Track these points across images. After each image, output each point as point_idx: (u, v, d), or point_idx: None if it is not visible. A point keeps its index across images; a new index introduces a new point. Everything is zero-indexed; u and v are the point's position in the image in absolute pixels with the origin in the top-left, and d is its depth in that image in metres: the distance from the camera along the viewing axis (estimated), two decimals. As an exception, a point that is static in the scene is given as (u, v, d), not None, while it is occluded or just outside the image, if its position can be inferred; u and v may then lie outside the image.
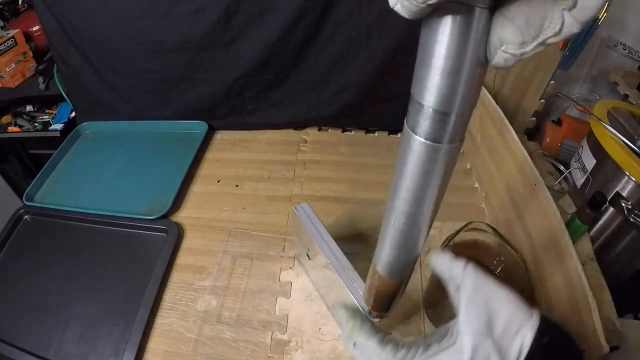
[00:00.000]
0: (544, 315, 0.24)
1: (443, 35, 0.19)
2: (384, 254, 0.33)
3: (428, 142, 0.23)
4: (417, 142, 0.23)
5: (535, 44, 0.18)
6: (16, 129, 0.94)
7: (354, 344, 0.32)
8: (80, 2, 0.73)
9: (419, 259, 0.36)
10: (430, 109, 0.21)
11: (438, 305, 0.52)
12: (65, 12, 0.75)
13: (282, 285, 0.60)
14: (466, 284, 0.26)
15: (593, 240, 0.60)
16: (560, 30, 0.17)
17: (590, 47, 0.78)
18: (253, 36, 0.73)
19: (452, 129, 0.22)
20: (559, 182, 0.67)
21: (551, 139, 0.77)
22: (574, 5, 0.16)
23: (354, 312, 0.35)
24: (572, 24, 0.17)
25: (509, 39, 0.18)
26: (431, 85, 0.20)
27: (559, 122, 0.80)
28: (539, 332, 0.23)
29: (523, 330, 0.23)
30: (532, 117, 0.76)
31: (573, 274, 0.43)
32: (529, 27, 0.18)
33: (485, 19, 0.18)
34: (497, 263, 0.52)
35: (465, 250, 0.53)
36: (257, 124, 0.88)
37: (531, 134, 0.82)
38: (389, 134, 0.87)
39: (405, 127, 0.24)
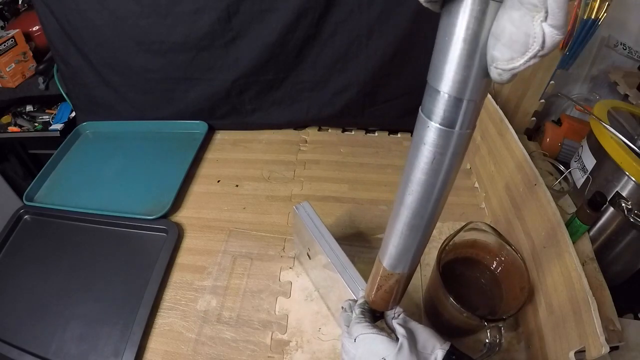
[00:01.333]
0: (453, 344, 0.35)
1: (460, 25, 0.20)
2: (391, 247, 0.33)
3: (442, 127, 0.24)
4: (431, 128, 0.24)
5: (525, 59, 0.19)
6: (16, 129, 0.94)
7: (355, 340, 0.36)
8: (80, 2, 0.73)
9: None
10: (446, 95, 0.23)
11: (438, 304, 0.52)
12: (65, 12, 0.75)
13: (282, 285, 0.60)
14: (399, 317, 0.39)
15: (593, 240, 0.60)
16: (544, 42, 0.18)
17: (590, 47, 0.78)
18: (253, 36, 0.73)
19: (465, 115, 0.23)
20: (559, 182, 0.67)
21: (551, 139, 0.77)
22: (547, 14, 0.17)
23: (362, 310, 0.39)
24: (552, 33, 0.17)
25: (497, 57, 0.20)
26: (447, 71, 0.22)
27: (559, 122, 0.80)
28: (449, 352, 0.34)
29: (437, 349, 0.34)
30: (532, 117, 0.76)
31: (573, 274, 0.43)
32: (513, 44, 0.19)
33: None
34: (497, 263, 0.52)
35: (465, 250, 0.53)
36: (257, 124, 0.88)
37: (531, 134, 0.82)
38: (389, 134, 0.87)
39: (420, 114, 0.25)
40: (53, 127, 0.92)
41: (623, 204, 0.55)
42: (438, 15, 0.21)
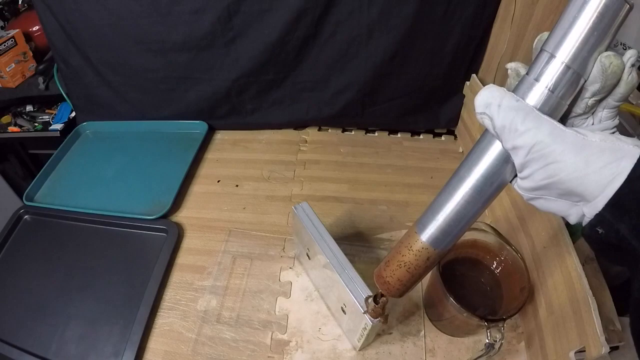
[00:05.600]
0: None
1: (590, 9, 0.24)
2: (441, 216, 0.31)
3: (546, 89, 0.26)
4: (536, 90, 0.26)
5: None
6: (16, 129, 0.94)
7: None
8: (80, 2, 0.73)
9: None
10: (559, 62, 0.25)
11: (438, 304, 0.52)
12: (65, 11, 0.75)
13: (282, 285, 0.60)
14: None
15: (593, 240, 0.59)
16: None
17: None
18: (253, 36, 0.73)
19: (568, 85, 0.25)
20: (559, 182, 0.67)
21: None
22: None
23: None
24: None
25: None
26: (568, 41, 0.25)
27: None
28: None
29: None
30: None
31: (573, 274, 0.43)
32: None
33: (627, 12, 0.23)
34: (497, 263, 0.52)
35: (466, 250, 0.53)
36: (257, 124, 0.88)
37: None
38: (389, 134, 0.87)
39: (526, 77, 0.27)
40: (53, 127, 0.92)
41: (623, 204, 0.55)
42: (437, 17, 0.22)
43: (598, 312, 0.39)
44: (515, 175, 0.28)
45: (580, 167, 0.24)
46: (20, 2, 1.00)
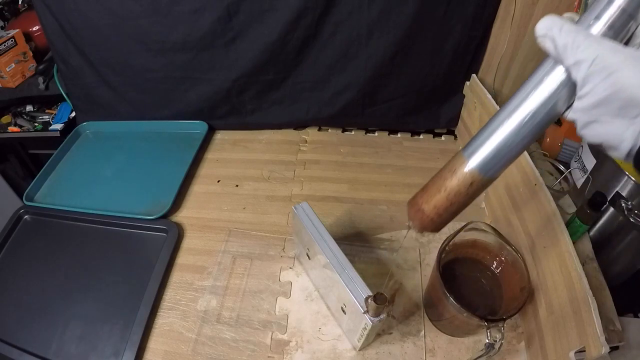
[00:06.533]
0: None
1: None
2: (493, 140, 0.31)
3: (606, 28, 0.27)
4: (596, 27, 0.27)
5: None
6: (16, 129, 0.94)
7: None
8: (80, 2, 0.73)
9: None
10: (617, 5, 0.26)
11: (438, 304, 0.52)
12: (65, 11, 0.75)
13: (282, 285, 0.60)
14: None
15: (593, 240, 0.60)
16: None
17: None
18: (253, 36, 0.73)
19: (622, 26, 0.27)
20: (559, 182, 0.67)
21: (551, 139, 0.77)
22: None
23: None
24: None
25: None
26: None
27: (559, 122, 0.80)
28: None
29: None
30: (532, 117, 0.75)
31: (573, 274, 0.43)
32: None
33: None
34: (497, 263, 0.52)
35: (466, 250, 0.53)
36: (257, 124, 0.88)
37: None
38: (389, 134, 0.87)
39: (584, 16, 0.27)
40: (53, 127, 0.92)
41: (623, 204, 0.55)
42: (437, 17, 0.22)
43: (598, 312, 0.39)
44: (569, 106, 0.29)
45: None
46: (20, 2, 1.00)
